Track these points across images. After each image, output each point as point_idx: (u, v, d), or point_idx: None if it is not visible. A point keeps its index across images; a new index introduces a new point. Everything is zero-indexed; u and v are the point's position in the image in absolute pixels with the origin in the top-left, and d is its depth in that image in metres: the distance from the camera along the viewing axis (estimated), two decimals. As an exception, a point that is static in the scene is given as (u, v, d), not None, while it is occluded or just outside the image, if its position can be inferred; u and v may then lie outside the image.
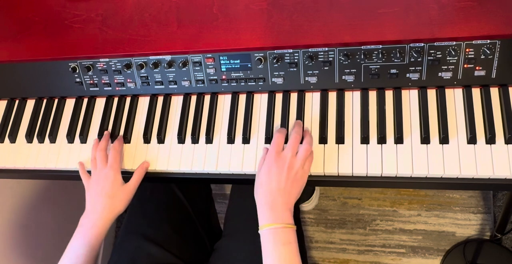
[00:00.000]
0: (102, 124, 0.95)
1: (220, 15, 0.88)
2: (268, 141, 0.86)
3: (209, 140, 0.89)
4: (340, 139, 0.84)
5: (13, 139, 0.99)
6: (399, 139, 0.81)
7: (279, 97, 0.90)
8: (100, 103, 0.98)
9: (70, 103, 0.99)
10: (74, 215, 1.50)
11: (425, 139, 0.81)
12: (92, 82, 0.96)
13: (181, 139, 0.90)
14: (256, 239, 0.77)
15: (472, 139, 0.79)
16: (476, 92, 0.83)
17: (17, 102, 1.02)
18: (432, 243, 1.52)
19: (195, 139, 0.90)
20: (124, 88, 0.95)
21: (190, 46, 0.88)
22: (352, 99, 0.87)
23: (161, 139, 0.91)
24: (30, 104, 1.02)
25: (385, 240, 1.55)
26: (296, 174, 0.77)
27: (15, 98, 1.03)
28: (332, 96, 0.88)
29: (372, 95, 0.86)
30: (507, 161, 0.77)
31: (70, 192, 1.50)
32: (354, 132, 0.84)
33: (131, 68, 0.92)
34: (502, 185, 0.79)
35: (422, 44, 0.80)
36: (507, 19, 0.77)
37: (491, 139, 0.79)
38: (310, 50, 0.84)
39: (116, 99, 0.98)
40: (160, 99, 0.95)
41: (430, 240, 1.53)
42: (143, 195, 1.06)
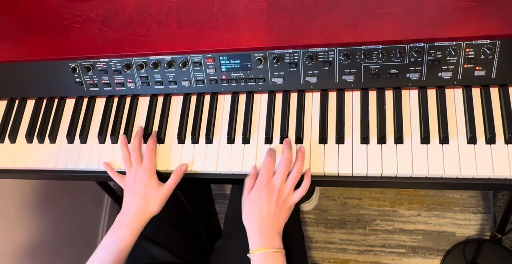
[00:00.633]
0: (102, 124, 0.95)
1: (220, 15, 0.88)
2: (268, 141, 0.86)
3: (209, 140, 0.89)
4: (340, 139, 0.84)
5: (13, 139, 0.99)
6: (399, 139, 0.81)
7: (279, 97, 0.90)
8: (100, 103, 0.98)
9: (70, 103, 0.99)
10: (74, 215, 1.51)
11: (425, 139, 0.81)
12: (92, 82, 0.96)
13: (181, 139, 0.90)
14: None
15: (472, 139, 0.79)
16: (476, 92, 0.83)
17: (17, 102, 1.02)
18: (432, 243, 1.52)
19: (195, 139, 0.90)
20: (124, 88, 0.95)
21: (190, 46, 0.88)
22: (352, 99, 0.87)
23: (161, 139, 0.91)
24: (30, 104, 1.02)
25: (385, 240, 1.55)
26: (285, 201, 0.80)
27: (15, 98, 1.03)
28: (332, 96, 0.88)
29: (372, 95, 0.86)
30: (507, 161, 0.77)
31: (70, 192, 1.50)
32: (354, 132, 0.84)
33: (131, 68, 0.92)
34: (502, 185, 0.79)
35: (422, 44, 0.80)
36: (507, 19, 0.77)
37: (491, 139, 0.79)
38: (310, 50, 0.84)
39: (116, 99, 0.98)
40: (160, 99, 0.95)
41: (430, 240, 1.53)
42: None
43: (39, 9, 0.99)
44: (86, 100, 0.99)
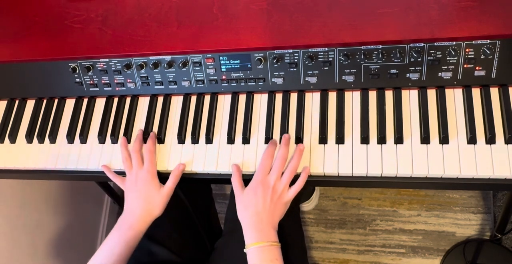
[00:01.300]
0: (102, 125, 0.95)
1: (220, 15, 0.88)
2: (268, 141, 0.86)
3: (209, 140, 0.89)
4: (340, 139, 0.84)
5: (13, 139, 0.99)
6: (399, 139, 0.81)
7: (279, 97, 0.90)
8: (100, 103, 0.98)
9: (70, 103, 0.99)
10: (74, 215, 1.51)
11: (425, 139, 0.81)
12: (92, 82, 0.96)
13: (181, 139, 0.90)
14: None
15: (472, 139, 0.79)
16: (476, 92, 0.83)
17: (17, 102, 1.02)
18: (432, 243, 1.52)
19: (195, 139, 0.90)
20: (124, 88, 0.95)
21: (190, 46, 0.88)
22: (352, 99, 0.87)
23: (161, 139, 0.91)
24: (30, 104, 1.02)
25: (385, 240, 1.55)
26: (280, 198, 0.81)
27: (15, 98, 1.03)
28: (332, 96, 0.88)
29: (372, 95, 0.86)
30: (507, 161, 0.77)
31: (70, 192, 1.50)
32: (354, 132, 0.84)
33: (131, 68, 0.92)
34: (502, 185, 0.79)
35: (422, 44, 0.80)
36: (507, 19, 0.77)
37: (491, 139, 0.79)
38: (310, 50, 0.84)
39: (116, 99, 0.98)
40: (160, 99, 0.95)
41: (430, 240, 1.53)
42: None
43: (39, 9, 0.99)
44: (86, 100, 0.99)
